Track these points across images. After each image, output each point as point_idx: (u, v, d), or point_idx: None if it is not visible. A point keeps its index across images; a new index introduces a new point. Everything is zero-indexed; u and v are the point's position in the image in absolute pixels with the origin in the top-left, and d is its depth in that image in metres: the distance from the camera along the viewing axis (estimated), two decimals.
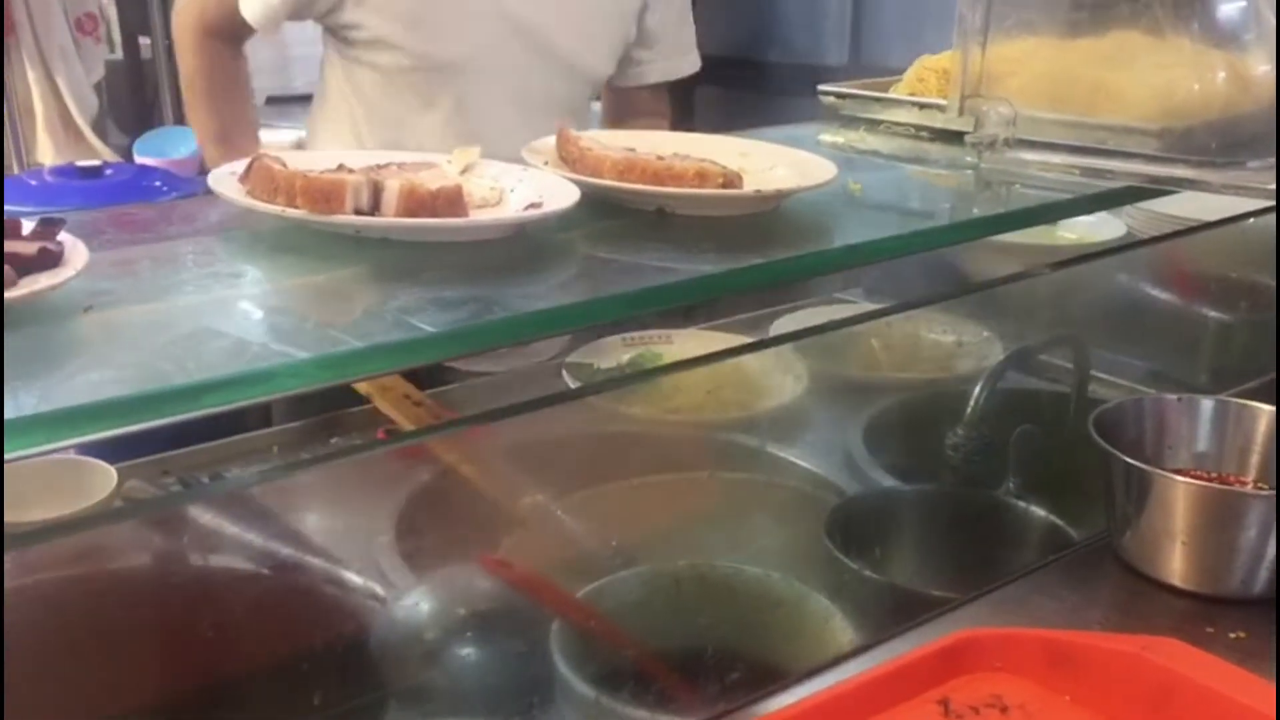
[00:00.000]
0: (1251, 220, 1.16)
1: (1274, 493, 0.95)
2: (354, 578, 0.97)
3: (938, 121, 1.15)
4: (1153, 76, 1.10)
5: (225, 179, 0.81)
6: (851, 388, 1.34)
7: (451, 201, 0.78)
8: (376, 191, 0.76)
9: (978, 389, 1.19)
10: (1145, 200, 1.06)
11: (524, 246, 0.84)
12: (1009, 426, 1.22)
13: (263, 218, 0.80)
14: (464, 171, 0.89)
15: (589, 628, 0.98)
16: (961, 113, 1.12)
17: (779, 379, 1.30)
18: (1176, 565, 0.93)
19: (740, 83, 3.14)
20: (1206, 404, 1.01)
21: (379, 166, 0.85)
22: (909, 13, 2.75)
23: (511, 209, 0.85)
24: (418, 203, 0.76)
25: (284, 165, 0.78)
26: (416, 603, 0.99)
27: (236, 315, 0.71)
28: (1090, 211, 1.25)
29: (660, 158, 0.96)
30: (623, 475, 1.09)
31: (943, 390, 1.35)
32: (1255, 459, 1.00)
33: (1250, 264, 1.36)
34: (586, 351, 1.42)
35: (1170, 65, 1.12)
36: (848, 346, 1.36)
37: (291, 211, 0.76)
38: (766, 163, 1.04)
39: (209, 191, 0.83)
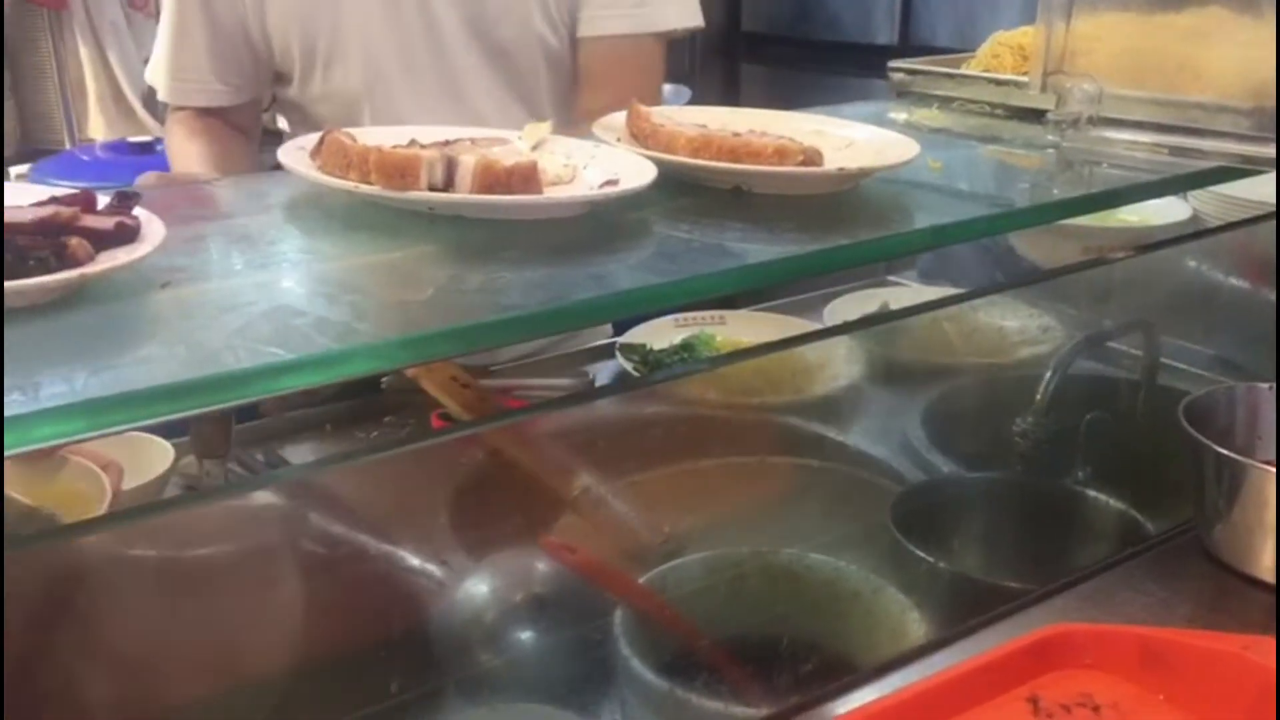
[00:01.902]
0: None
1: None
2: (411, 560, 0.95)
3: (1017, 99, 1.11)
4: (1241, 53, 1.06)
5: (295, 154, 0.79)
6: (909, 372, 1.31)
7: (526, 178, 0.76)
8: (451, 167, 0.73)
9: (1047, 375, 1.16)
10: (1235, 180, 1.01)
11: (598, 225, 0.81)
12: (1078, 414, 1.18)
13: (334, 194, 0.77)
14: (536, 147, 0.86)
15: (655, 615, 0.96)
16: (1044, 90, 1.09)
17: (834, 362, 1.27)
18: (1269, 561, 0.90)
19: (786, 61, 3.11)
20: None
21: (450, 142, 0.82)
22: None
23: (585, 186, 0.82)
24: (494, 179, 0.74)
25: (355, 140, 0.75)
26: (476, 587, 0.97)
27: (314, 294, 0.69)
28: (1181, 191, 1.21)
29: (736, 134, 0.92)
30: (675, 459, 1.06)
31: (1004, 376, 1.31)
32: None
33: None
34: (639, 332, 1.40)
35: (1260, 42, 1.07)
36: (904, 330, 1.32)
37: (365, 187, 0.74)
38: (842, 140, 1.00)
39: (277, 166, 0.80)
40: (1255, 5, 1.07)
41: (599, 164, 0.86)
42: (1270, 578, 0.90)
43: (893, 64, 1.22)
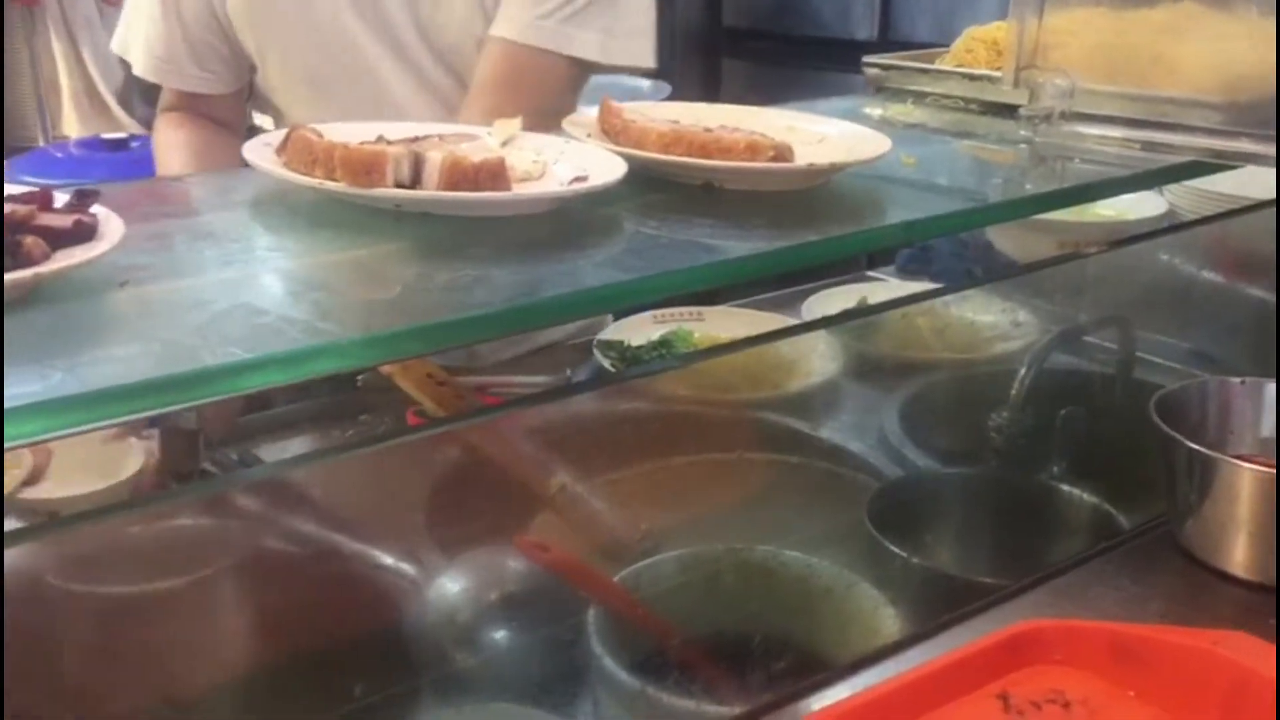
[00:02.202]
0: None
1: None
2: (384, 559, 0.94)
3: (990, 94, 1.11)
4: (1213, 48, 1.06)
5: (260, 150, 0.78)
6: (886, 367, 1.31)
7: (495, 175, 0.75)
8: (418, 164, 0.72)
9: (1023, 370, 1.16)
10: (1207, 175, 1.01)
11: (567, 221, 0.81)
12: (1053, 409, 1.18)
13: (300, 190, 0.76)
14: (505, 144, 0.86)
15: (628, 614, 0.96)
16: (1017, 84, 1.08)
17: (812, 357, 1.27)
18: (1240, 555, 0.90)
19: (767, 56, 3.10)
20: (1271, 388, 0.98)
21: (418, 138, 0.81)
22: None
23: (555, 182, 0.82)
24: (461, 176, 0.73)
25: (321, 137, 0.75)
26: (449, 586, 0.96)
27: (277, 292, 0.68)
28: (1153, 186, 1.21)
29: (707, 130, 0.92)
30: (651, 456, 1.06)
31: (980, 371, 1.31)
32: None
33: None
34: (617, 328, 1.39)
35: (1233, 36, 1.07)
36: (881, 325, 1.32)
37: (330, 184, 0.73)
38: (814, 135, 1.00)
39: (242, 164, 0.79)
40: (1228, 0, 1.07)
41: (568, 160, 0.85)
42: (1242, 572, 0.90)
43: (867, 59, 1.22)
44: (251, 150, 0.77)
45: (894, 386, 1.28)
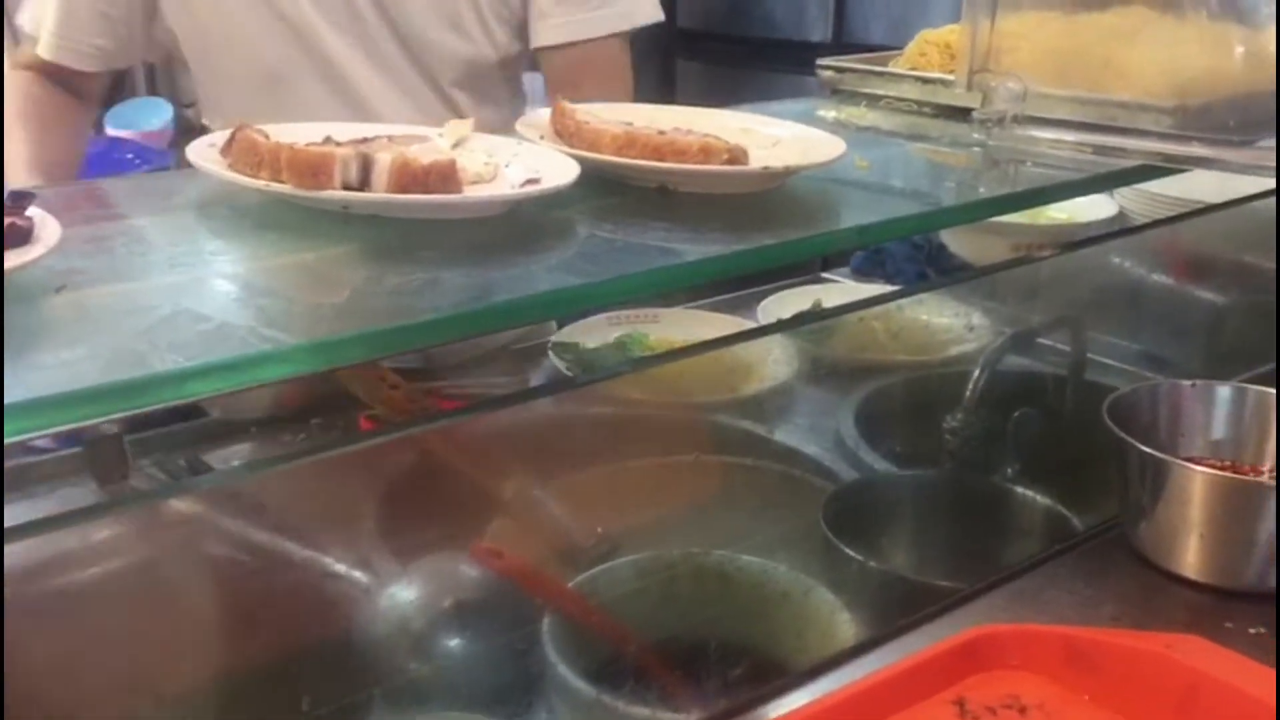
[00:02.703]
0: (1254, 203, 1.13)
1: None
2: (334, 567, 0.92)
3: (943, 97, 1.11)
4: (1163, 52, 1.07)
5: (204, 151, 0.76)
6: (842, 369, 1.30)
7: (445, 177, 0.74)
8: (366, 166, 0.71)
9: (976, 372, 1.16)
10: (1159, 179, 1.02)
11: (520, 224, 0.79)
12: (1007, 410, 1.18)
13: (245, 192, 0.74)
14: (456, 145, 0.84)
15: (584, 620, 0.95)
16: (970, 88, 1.08)
17: (767, 360, 1.26)
18: (1192, 558, 0.90)
19: (721, 58, 3.10)
20: (1222, 390, 0.98)
21: (367, 139, 0.79)
22: None
23: (507, 185, 0.80)
24: (410, 178, 0.72)
25: (267, 137, 0.73)
26: (400, 595, 0.94)
27: (220, 297, 0.66)
28: (1104, 190, 1.22)
29: (661, 132, 0.91)
30: (606, 459, 1.05)
31: (935, 373, 1.31)
32: (1271, 447, 0.97)
33: (1251, 247, 1.33)
34: (573, 330, 1.38)
35: (1183, 41, 1.08)
36: (837, 327, 1.32)
37: (276, 186, 0.71)
38: (769, 138, 0.99)
39: (184, 165, 0.77)
40: (1178, 4, 1.08)
41: (521, 162, 0.84)
42: (1193, 574, 0.91)
43: (821, 62, 1.21)
44: (195, 151, 0.76)
45: (849, 389, 1.27)
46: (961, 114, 1.09)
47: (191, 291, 0.66)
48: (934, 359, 1.31)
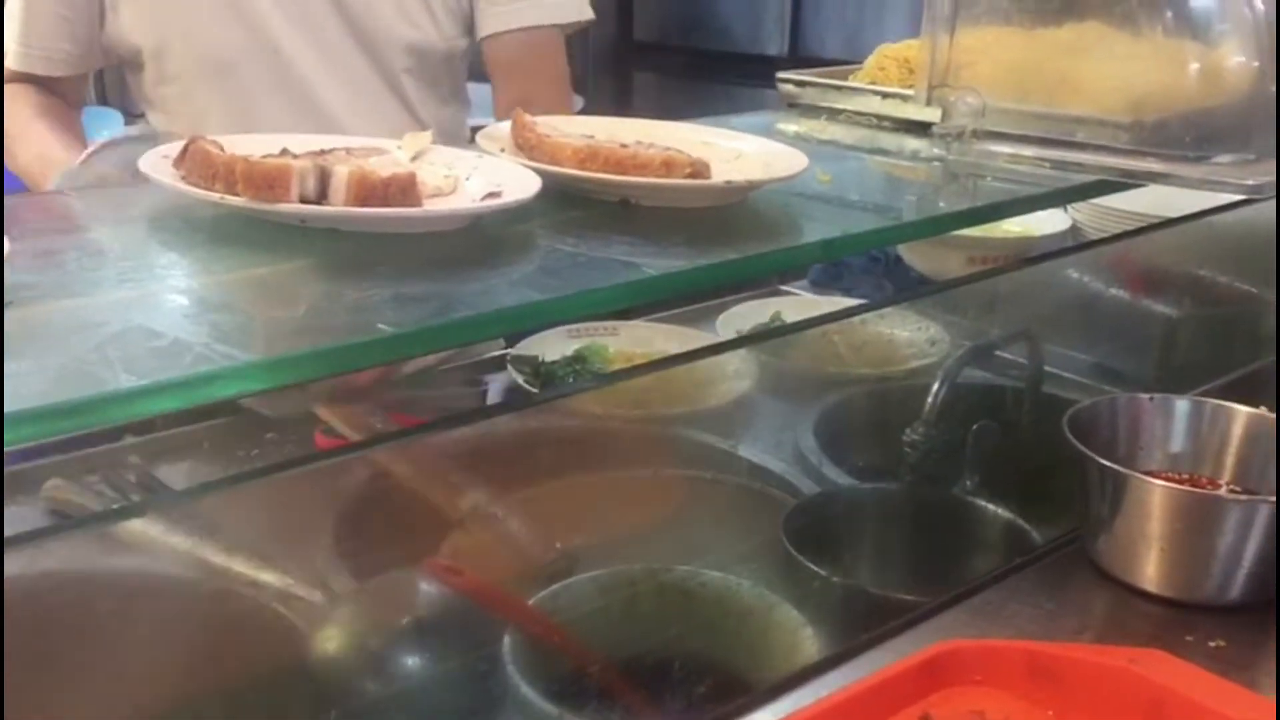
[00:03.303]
0: (1210, 218, 1.14)
1: (1251, 497, 0.93)
2: (289, 587, 0.90)
3: (903, 112, 1.11)
4: (1118, 68, 1.07)
5: (157, 163, 0.74)
6: (801, 382, 1.30)
7: (404, 190, 0.72)
8: (324, 178, 0.69)
9: (935, 385, 1.16)
10: (1116, 194, 1.02)
11: (481, 238, 0.78)
12: (966, 423, 1.19)
13: (199, 205, 0.73)
14: (415, 158, 0.83)
15: (545, 638, 0.93)
16: (929, 103, 1.08)
17: (726, 374, 1.26)
18: (1152, 571, 0.91)
19: (678, 70, 3.10)
20: (1180, 404, 0.99)
21: (324, 151, 0.78)
22: (847, 3, 2.73)
23: (467, 198, 0.79)
24: (369, 191, 0.70)
25: (222, 149, 0.71)
26: (357, 614, 0.93)
27: (174, 313, 0.64)
28: (1063, 204, 1.22)
29: (623, 145, 0.90)
30: (566, 474, 1.04)
31: (894, 386, 1.32)
32: (1229, 460, 0.97)
33: (1206, 261, 1.34)
34: (531, 343, 1.37)
35: (1137, 56, 1.09)
36: (796, 341, 1.32)
37: (231, 199, 0.69)
38: (730, 152, 0.99)
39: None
40: (1133, 19, 1.08)
41: (482, 175, 0.82)
42: (1154, 588, 0.91)
43: (781, 75, 1.21)
44: (147, 163, 0.74)
45: (809, 402, 1.27)
46: (921, 128, 1.09)
47: (143, 307, 0.64)
48: (893, 371, 1.31)
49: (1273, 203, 1.02)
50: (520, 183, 0.80)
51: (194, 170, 0.71)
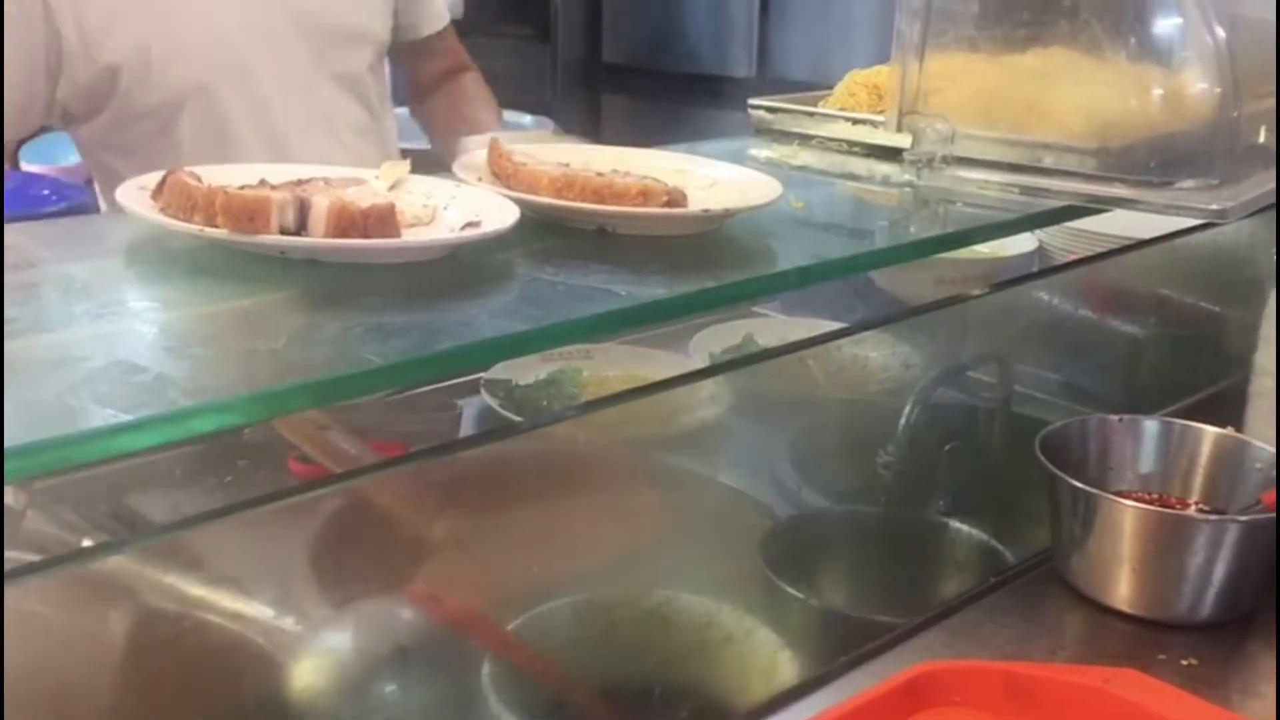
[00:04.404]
0: (1174, 241, 1.16)
1: (1220, 517, 0.94)
2: (267, 617, 0.90)
3: (874, 138, 1.12)
4: (1084, 94, 1.09)
5: (135, 194, 0.74)
6: (775, 406, 1.31)
7: (384, 220, 0.72)
8: (304, 210, 0.69)
9: (908, 407, 1.17)
10: (1084, 218, 1.04)
11: (460, 268, 0.78)
12: (939, 444, 1.20)
13: (178, 237, 0.72)
14: (393, 188, 0.83)
15: (524, 666, 0.93)
16: (899, 129, 1.10)
17: (699, 398, 1.26)
18: (1124, 590, 0.92)
19: (646, 92, 3.12)
20: (1149, 425, 1.00)
21: (303, 182, 0.78)
22: (814, 27, 2.75)
23: (446, 228, 0.79)
24: (349, 222, 0.70)
25: (200, 180, 0.71)
26: (336, 643, 0.92)
27: (154, 347, 0.64)
28: (1032, 229, 1.24)
29: (599, 174, 0.91)
30: (541, 499, 1.04)
31: (867, 407, 1.32)
32: (1198, 480, 0.99)
33: (1172, 282, 1.36)
34: (504, 367, 1.37)
35: (1103, 83, 1.10)
36: (769, 364, 1.32)
37: (211, 231, 0.69)
38: (706, 179, 0.99)
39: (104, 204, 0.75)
40: (1097, 47, 1.10)
41: (460, 204, 0.83)
42: (1126, 607, 0.92)
43: (753, 102, 1.22)
44: (125, 194, 0.73)
45: (784, 425, 1.28)
46: (892, 154, 1.10)
47: (126, 342, 0.64)
48: (866, 393, 1.32)
49: (1237, 225, 1.04)
50: (499, 212, 0.81)
51: (173, 202, 0.71)
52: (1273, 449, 0.97)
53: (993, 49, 1.13)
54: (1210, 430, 1.00)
